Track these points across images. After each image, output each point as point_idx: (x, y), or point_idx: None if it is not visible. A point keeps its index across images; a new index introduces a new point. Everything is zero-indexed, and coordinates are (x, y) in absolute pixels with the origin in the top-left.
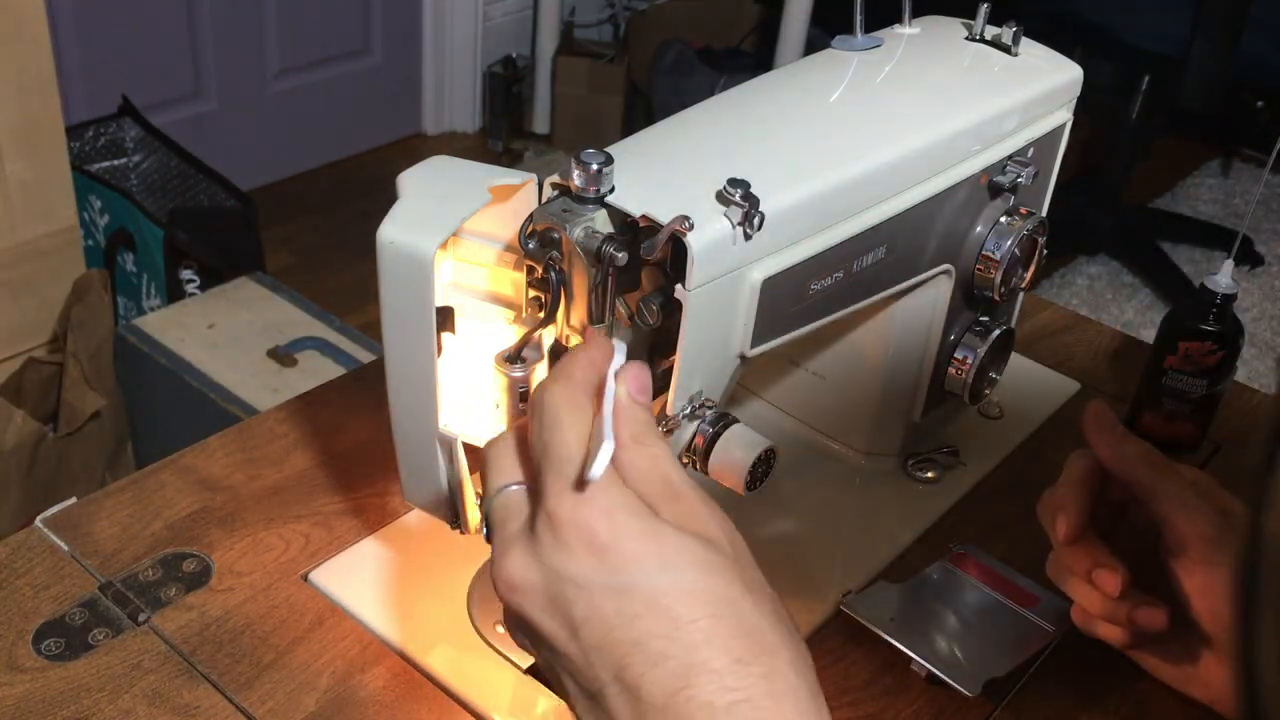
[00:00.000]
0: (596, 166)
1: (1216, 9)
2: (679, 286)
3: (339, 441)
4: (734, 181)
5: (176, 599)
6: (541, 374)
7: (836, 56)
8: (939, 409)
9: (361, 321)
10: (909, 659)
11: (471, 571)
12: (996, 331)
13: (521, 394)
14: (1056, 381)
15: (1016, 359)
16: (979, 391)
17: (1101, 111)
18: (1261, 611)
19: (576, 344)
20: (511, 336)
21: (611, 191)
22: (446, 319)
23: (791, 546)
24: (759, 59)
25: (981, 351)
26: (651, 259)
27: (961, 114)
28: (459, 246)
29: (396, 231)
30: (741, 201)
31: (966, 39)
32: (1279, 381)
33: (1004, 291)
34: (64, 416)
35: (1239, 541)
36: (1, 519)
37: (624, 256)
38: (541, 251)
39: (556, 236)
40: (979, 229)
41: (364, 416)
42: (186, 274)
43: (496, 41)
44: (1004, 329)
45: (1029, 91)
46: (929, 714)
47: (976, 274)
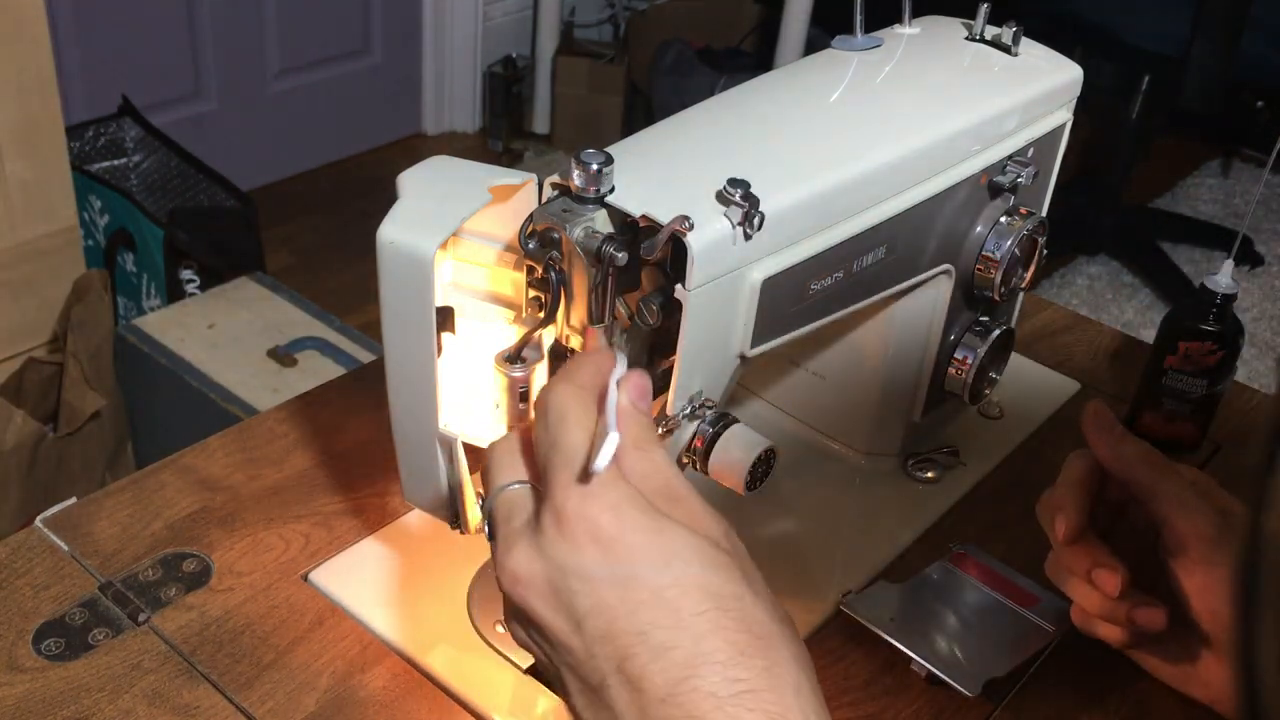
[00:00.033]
0: (596, 166)
1: (1216, 9)
2: (679, 286)
3: (339, 441)
4: (734, 181)
5: (176, 599)
6: (542, 374)
7: (836, 56)
8: (939, 409)
9: (361, 321)
10: (909, 659)
11: (471, 571)
12: (996, 331)
13: (521, 394)
14: (1056, 381)
15: (1016, 359)
16: (979, 391)
17: (1101, 111)
18: (1261, 611)
19: (580, 351)
20: (511, 336)
21: (611, 191)
22: (446, 319)
23: (791, 546)
24: (759, 59)
25: (981, 351)
26: (651, 259)
27: (961, 114)
28: (459, 246)
29: (396, 231)
30: (741, 201)
31: (966, 39)
32: (1279, 381)
33: (1004, 291)
34: (64, 416)
35: (1239, 541)
36: (1, 519)
37: (624, 256)
38: (541, 251)
39: (556, 236)
40: (979, 229)
41: (364, 416)
42: (186, 274)
43: (496, 41)
44: (1004, 329)
45: (1029, 91)
46: (929, 714)
47: (976, 274)
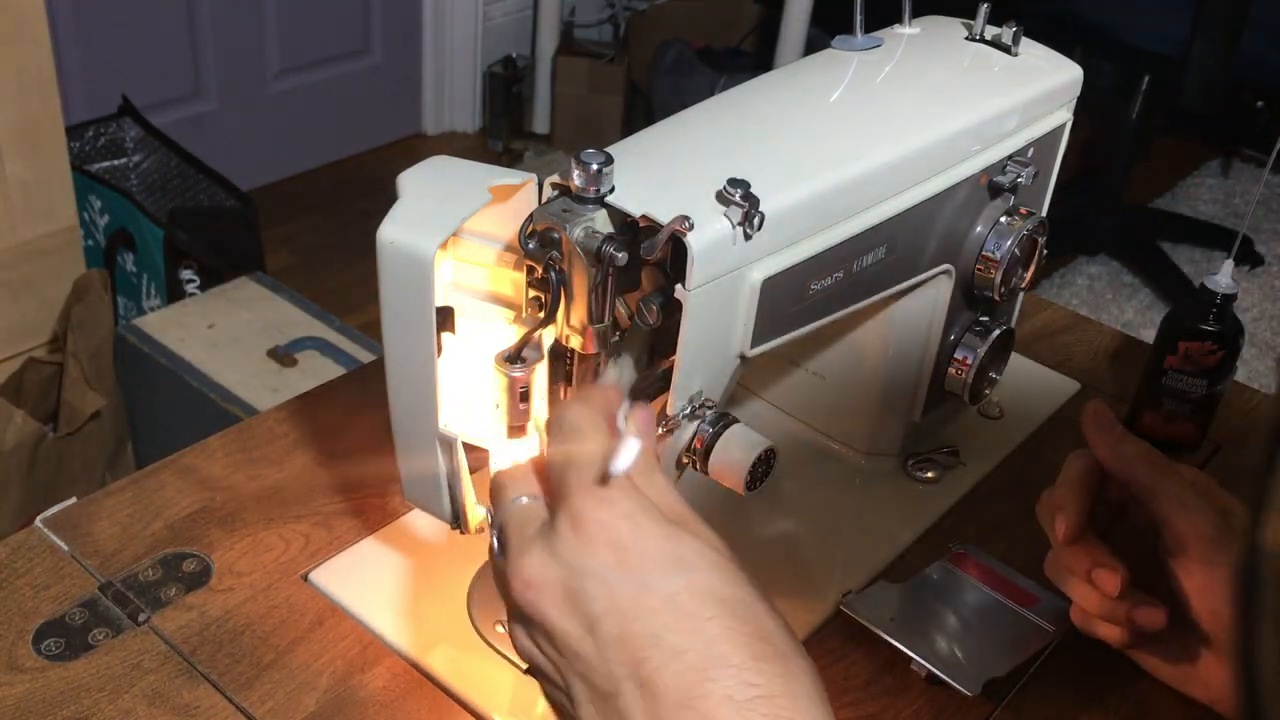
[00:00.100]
0: (596, 166)
1: (1216, 9)
2: (679, 286)
3: (339, 441)
4: (734, 181)
5: (176, 599)
6: (542, 374)
7: (836, 56)
8: (939, 409)
9: (361, 321)
10: (909, 659)
11: (471, 571)
12: (996, 331)
13: (522, 394)
14: (1056, 381)
15: (1016, 359)
16: (979, 391)
17: (1101, 111)
18: (1262, 612)
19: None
20: (511, 336)
21: (611, 191)
22: (446, 319)
23: (791, 546)
24: (759, 59)
25: (981, 351)
26: (651, 259)
27: (961, 114)
28: (459, 246)
29: (396, 231)
30: (741, 201)
31: (966, 39)
32: (1279, 381)
33: (1004, 291)
34: (64, 416)
35: (1239, 542)
36: (1, 519)
37: (624, 256)
38: (541, 251)
39: (556, 236)
40: (979, 229)
41: (364, 416)
42: (186, 274)
43: (496, 41)
44: (1004, 329)
45: (1029, 91)
46: (929, 714)
47: (976, 274)
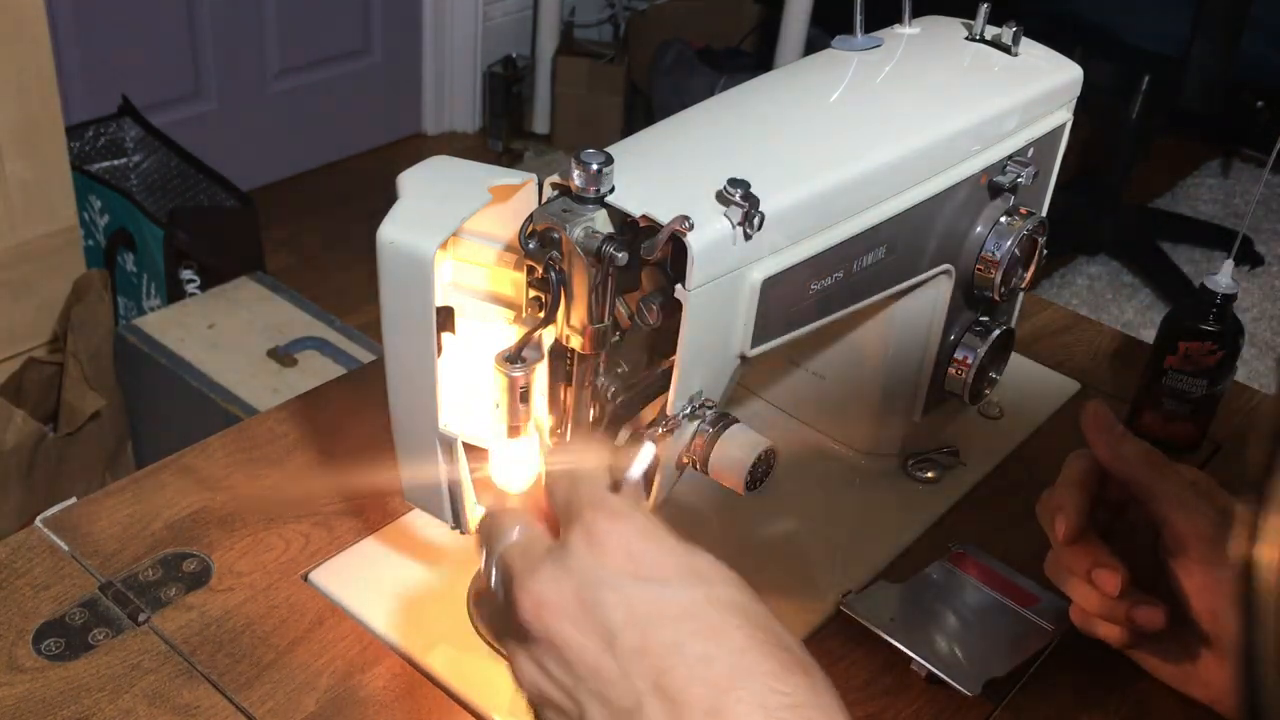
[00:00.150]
0: (596, 166)
1: (1216, 9)
2: (679, 286)
3: (339, 441)
4: (734, 181)
5: (176, 599)
6: (542, 374)
7: (836, 56)
8: (939, 409)
9: (361, 321)
10: (909, 659)
11: (471, 571)
12: (996, 331)
13: (522, 394)
14: (1056, 381)
15: (1016, 359)
16: (979, 391)
17: (1101, 111)
18: (1262, 612)
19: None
20: (511, 336)
21: (611, 191)
22: (446, 319)
23: (791, 546)
24: (759, 59)
25: (981, 351)
26: (651, 259)
27: (961, 114)
28: (459, 246)
29: (396, 231)
30: (741, 201)
31: (966, 39)
32: (1279, 381)
33: (1004, 291)
34: (64, 416)
35: (1240, 542)
36: (1, 519)
37: (624, 256)
38: (541, 251)
39: (556, 236)
40: (979, 229)
41: (364, 416)
42: (186, 274)
43: (496, 41)
44: (1004, 329)
45: (1029, 91)
46: (929, 714)
47: (976, 274)
